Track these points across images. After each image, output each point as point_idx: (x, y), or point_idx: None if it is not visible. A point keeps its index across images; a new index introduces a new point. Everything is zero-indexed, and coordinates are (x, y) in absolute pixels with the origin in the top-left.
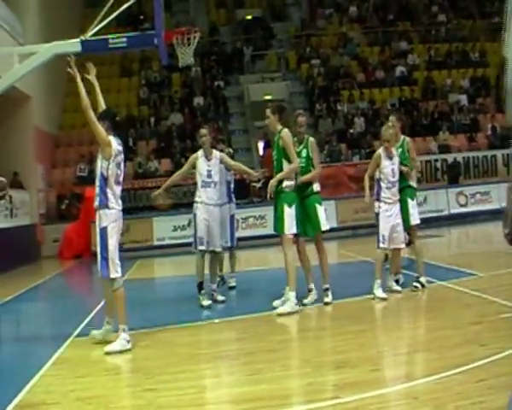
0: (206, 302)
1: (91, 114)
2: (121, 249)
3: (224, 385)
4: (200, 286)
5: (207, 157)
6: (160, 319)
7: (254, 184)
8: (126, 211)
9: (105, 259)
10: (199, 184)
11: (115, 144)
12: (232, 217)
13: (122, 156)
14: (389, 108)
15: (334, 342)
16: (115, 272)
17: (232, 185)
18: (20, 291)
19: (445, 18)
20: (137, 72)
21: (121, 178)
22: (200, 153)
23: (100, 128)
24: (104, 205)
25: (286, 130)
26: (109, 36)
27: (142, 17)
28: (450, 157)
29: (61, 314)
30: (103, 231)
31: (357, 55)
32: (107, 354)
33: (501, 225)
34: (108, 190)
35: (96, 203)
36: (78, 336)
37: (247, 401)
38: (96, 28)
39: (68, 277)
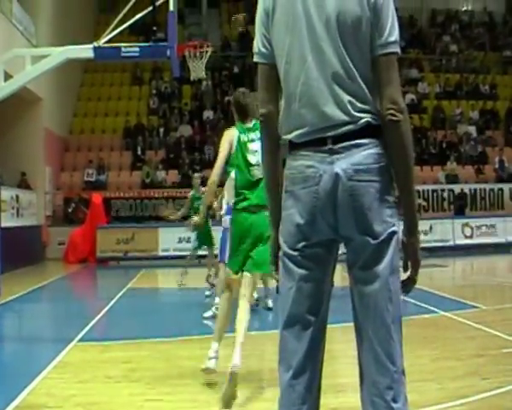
0: None
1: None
2: (125, 258)
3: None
4: None
5: None
6: (164, 330)
7: None
8: (132, 220)
9: None
10: None
11: None
12: None
13: None
14: None
15: (334, 365)
16: None
17: None
18: (23, 291)
19: (457, 48)
20: (148, 81)
21: None
22: None
23: None
24: None
25: None
26: (122, 44)
27: (155, 28)
28: (457, 188)
29: (64, 317)
30: None
31: None
32: None
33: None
34: None
35: None
36: (80, 340)
37: None
38: (110, 36)
39: (72, 280)
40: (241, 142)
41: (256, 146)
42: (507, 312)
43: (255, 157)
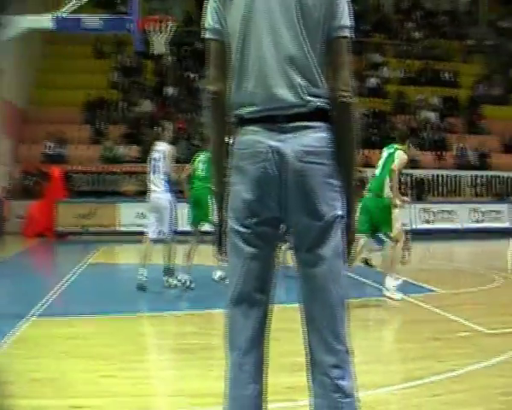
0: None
1: None
2: (85, 232)
3: (180, 378)
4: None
5: None
6: (123, 306)
7: None
8: (92, 194)
9: None
10: None
11: None
12: None
13: None
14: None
15: (291, 344)
16: None
17: None
18: None
19: (420, 35)
20: (110, 55)
21: None
22: None
23: None
24: None
25: None
26: (82, 15)
27: (118, 0)
28: (417, 173)
29: (21, 292)
30: None
31: None
32: None
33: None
34: None
35: None
36: (37, 315)
37: (203, 396)
38: (71, 5)
39: (31, 255)
40: None
41: None
42: (463, 296)
43: None
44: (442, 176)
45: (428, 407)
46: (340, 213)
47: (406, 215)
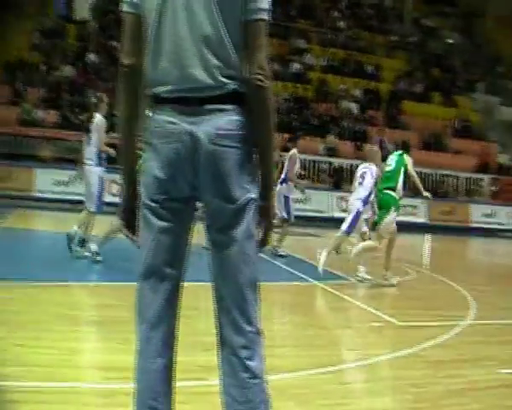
0: None
1: None
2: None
3: (91, 350)
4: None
5: None
6: (36, 273)
7: None
8: (8, 157)
9: None
10: None
11: None
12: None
13: None
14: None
15: (205, 323)
16: None
17: None
18: None
19: (345, 25)
20: (32, 16)
21: None
22: None
23: None
24: None
25: None
26: None
27: None
28: (335, 161)
29: None
30: None
31: None
32: None
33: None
34: None
35: None
36: None
37: (114, 370)
38: None
39: None
40: None
41: None
42: (377, 287)
43: None
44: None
45: (336, 394)
46: (253, 196)
47: (324, 203)
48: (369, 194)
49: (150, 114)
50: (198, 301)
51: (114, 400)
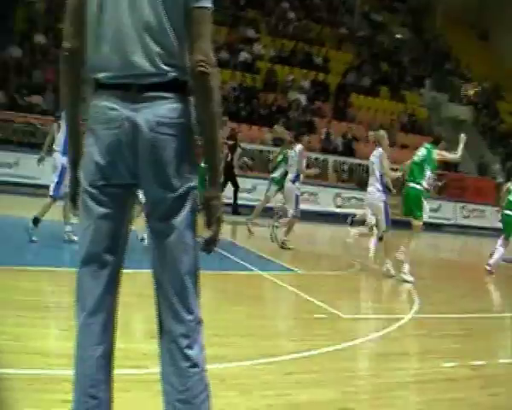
0: None
1: None
2: None
3: (36, 336)
4: None
5: None
6: None
7: None
8: None
9: None
10: None
11: None
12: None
13: None
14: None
15: (151, 310)
16: None
17: None
18: None
19: (294, 16)
20: None
21: None
22: None
23: None
24: None
25: None
26: None
27: None
28: None
29: None
30: None
31: None
32: None
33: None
34: None
35: None
36: None
37: (58, 357)
38: None
39: None
40: None
41: None
42: (322, 279)
43: None
44: (307, 158)
45: (280, 384)
46: (193, 185)
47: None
48: (383, 182)
49: (91, 100)
50: (142, 289)
51: (55, 386)
